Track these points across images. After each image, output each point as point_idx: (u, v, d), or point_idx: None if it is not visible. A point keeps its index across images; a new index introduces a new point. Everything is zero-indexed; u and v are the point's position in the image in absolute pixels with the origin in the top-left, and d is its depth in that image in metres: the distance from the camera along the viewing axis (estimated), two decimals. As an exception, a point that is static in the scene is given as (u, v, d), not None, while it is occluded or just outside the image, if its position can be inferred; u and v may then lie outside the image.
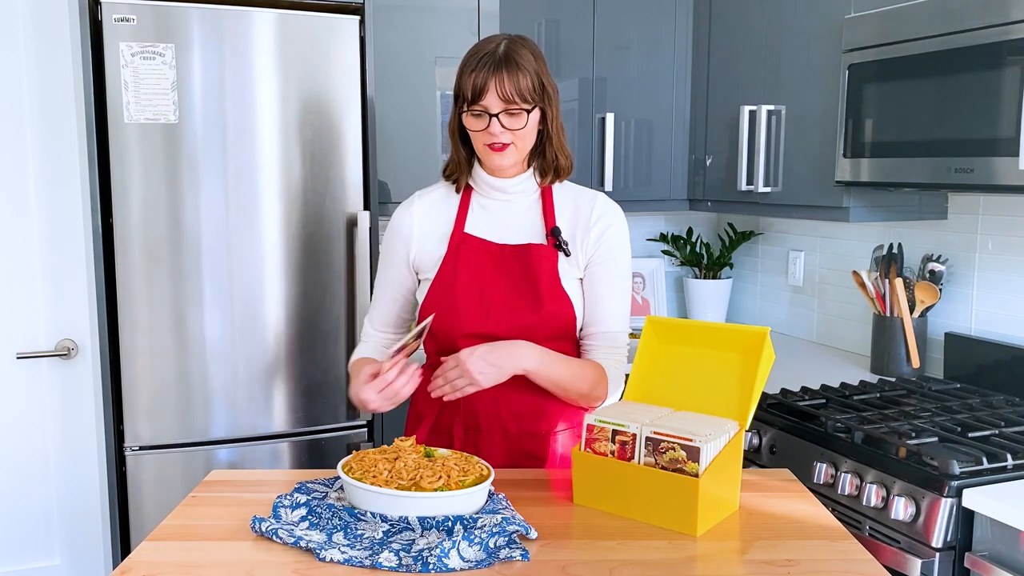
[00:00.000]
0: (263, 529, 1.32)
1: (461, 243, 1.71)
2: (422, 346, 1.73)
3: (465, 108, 1.63)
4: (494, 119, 1.61)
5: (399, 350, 1.59)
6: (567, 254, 1.70)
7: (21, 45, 2.52)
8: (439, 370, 1.59)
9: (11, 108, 2.52)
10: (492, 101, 1.60)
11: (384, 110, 2.69)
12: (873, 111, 2.29)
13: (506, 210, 1.73)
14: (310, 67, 2.42)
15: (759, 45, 2.83)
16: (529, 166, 1.73)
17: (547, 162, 1.72)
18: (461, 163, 1.73)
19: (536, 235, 1.71)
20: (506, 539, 1.28)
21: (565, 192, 1.77)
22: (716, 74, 3.05)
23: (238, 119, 2.37)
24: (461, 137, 1.72)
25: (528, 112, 1.63)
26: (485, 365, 1.55)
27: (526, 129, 1.64)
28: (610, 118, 3.05)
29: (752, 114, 2.82)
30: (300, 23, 2.40)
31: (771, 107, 2.76)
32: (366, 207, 2.53)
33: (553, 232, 1.70)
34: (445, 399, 1.60)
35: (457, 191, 1.76)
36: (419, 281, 1.78)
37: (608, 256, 1.72)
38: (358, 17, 2.47)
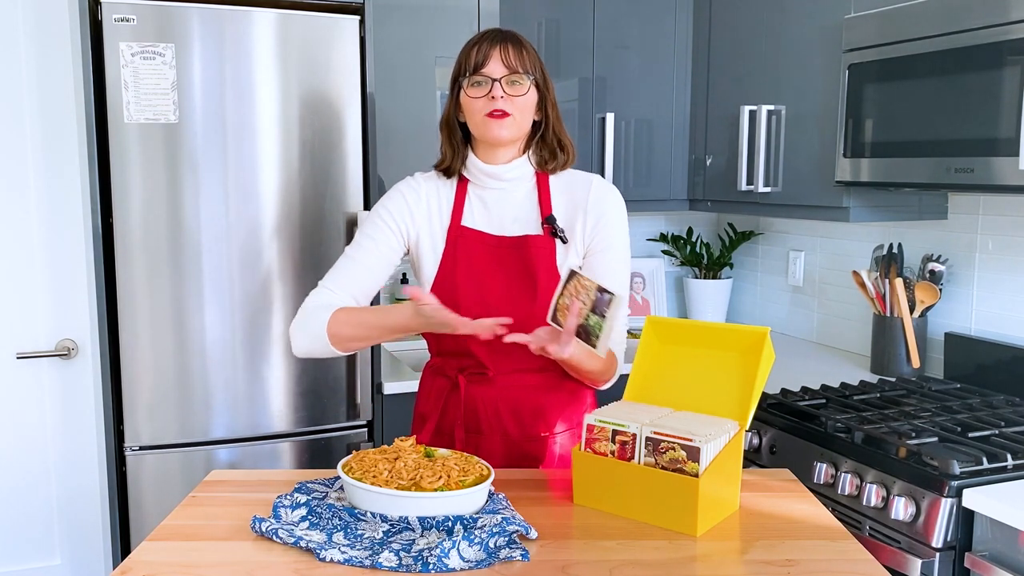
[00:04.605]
0: (263, 529, 1.32)
1: (459, 237, 1.71)
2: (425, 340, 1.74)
3: (466, 79, 1.65)
4: (496, 84, 1.63)
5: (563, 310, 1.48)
6: (564, 242, 1.70)
7: (21, 45, 2.52)
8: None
9: (11, 108, 2.52)
10: (495, 67, 1.63)
11: (384, 110, 2.69)
12: (873, 111, 2.29)
13: (502, 200, 1.73)
14: (310, 67, 2.42)
15: (759, 45, 2.83)
16: (525, 152, 1.73)
17: (548, 146, 1.72)
18: (455, 150, 1.73)
19: (533, 225, 1.71)
20: (506, 539, 1.28)
21: (561, 177, 1.75)
22: (716, 74, 3.05)
23: (238, 119, 2.37)
24: (456, 128, 1.73)
25: (528, 80, 1.65)
26: None
27: (525, 99, 1.65)
28: (610, 118, 3.04)
29: (752, 114, 2.82)
30: (300, 23, 2.40)
31: (771, 107, 2.76)
32: (366, 207, 2.52)
33: (548, 220, 1.70)
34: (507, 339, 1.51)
35: (448, 177, 1.75)
36: (399, 263, 1.76)
37: (606, 244, 1.71)
38: (358, 17, 2.47)
